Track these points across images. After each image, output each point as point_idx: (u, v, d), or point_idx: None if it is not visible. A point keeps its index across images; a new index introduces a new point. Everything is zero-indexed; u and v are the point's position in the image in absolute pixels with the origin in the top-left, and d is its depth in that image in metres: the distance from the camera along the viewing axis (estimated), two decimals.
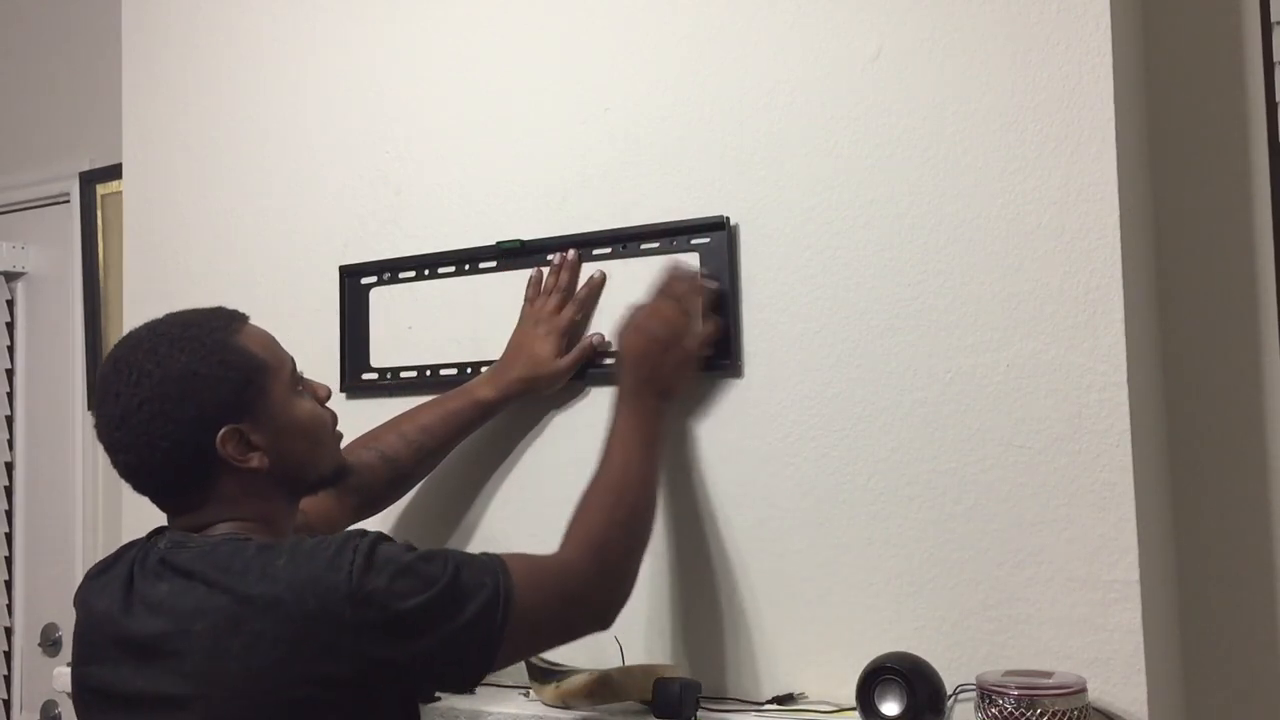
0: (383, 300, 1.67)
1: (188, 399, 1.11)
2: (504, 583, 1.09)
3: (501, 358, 1.50)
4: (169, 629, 1.06)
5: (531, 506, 1.52)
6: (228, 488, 1.14)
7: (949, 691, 1.22)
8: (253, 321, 1.20)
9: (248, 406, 1.14)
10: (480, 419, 1.50)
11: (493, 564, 1.11)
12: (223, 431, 1.11)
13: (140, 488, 1.16)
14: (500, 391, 1.47)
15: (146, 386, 1.11)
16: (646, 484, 1.26)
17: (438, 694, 1.42)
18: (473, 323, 1.57)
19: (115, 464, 1.15)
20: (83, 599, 1.18)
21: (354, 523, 1.40)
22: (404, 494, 1.52)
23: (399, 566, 1.06)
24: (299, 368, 1.22)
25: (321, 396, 1.25)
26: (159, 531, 1.17)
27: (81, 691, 1.16)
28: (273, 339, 1.21)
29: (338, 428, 1.26)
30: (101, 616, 1.13)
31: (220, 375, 1.13)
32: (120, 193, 2.11)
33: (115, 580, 1.13)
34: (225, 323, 1.18)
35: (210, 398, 1.12)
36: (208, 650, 1.03)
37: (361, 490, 1.43)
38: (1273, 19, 1.45)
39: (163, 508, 1.18)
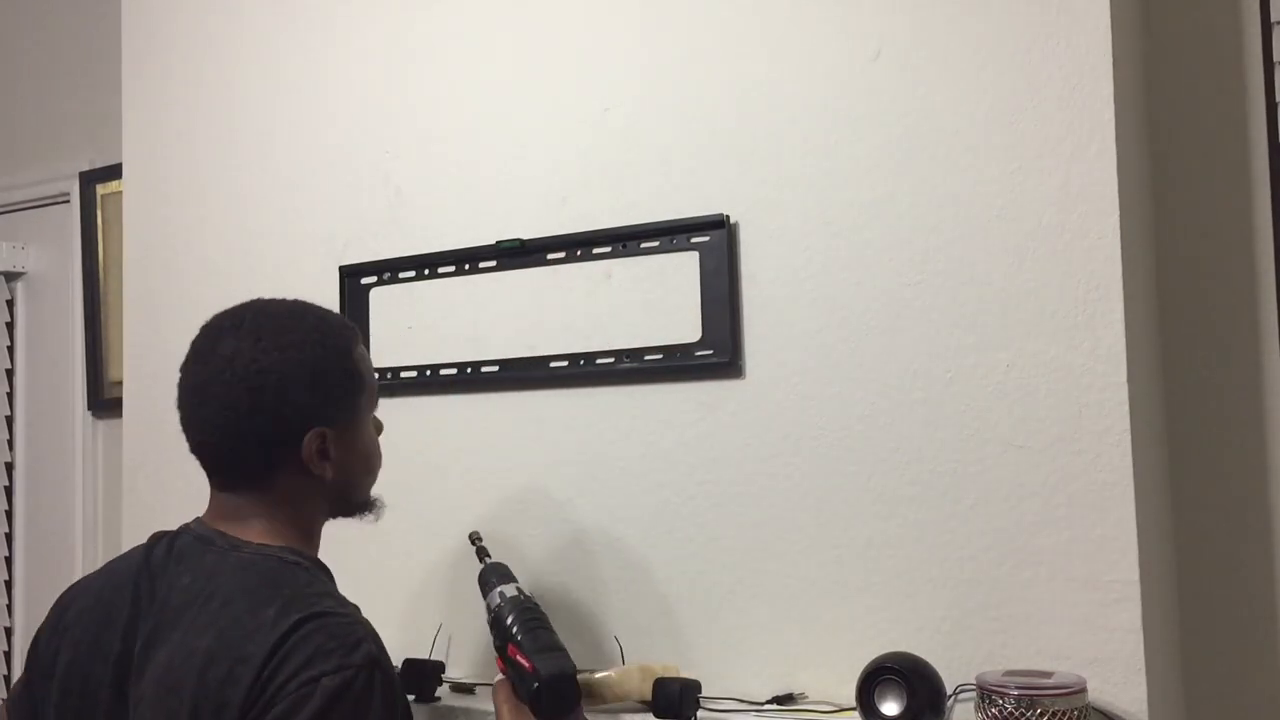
0: (383, 300, 1.67)
1: (302, 388, 1.11)
2: None
3: None
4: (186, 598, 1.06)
5: (535, 508, 1.52)
6: (289, 484, 1.13)
7: (949, 691, 1.22)
8: None
9: (341, 418, 1.15)
10: None
11: None
12: (313, 431, 1.12)
13: (203, 450, 1.14)
14: None
15: (273, 357, 1.10)
16: None
17: (437, 694, 1.43)
18: (473, 323, 1.57)
19: (195, 414, 1.12)
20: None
21: None
22: None
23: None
24: None
25: (380, 429, 1.26)
26: (176, 533, 1.16)
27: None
28: (371, 362, 1.23)
29: None
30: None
31: (336, 381, 1.14)
32: (120, 193, 2.11)
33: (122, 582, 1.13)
34: (351, 332, 1.20)
35: (320, 397, 1.12)
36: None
37: None
38: (1273, 19, 1.45)
39: (214, 476, 1.15)
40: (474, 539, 1.37)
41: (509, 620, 1.21)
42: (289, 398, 1.10)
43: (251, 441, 1.11)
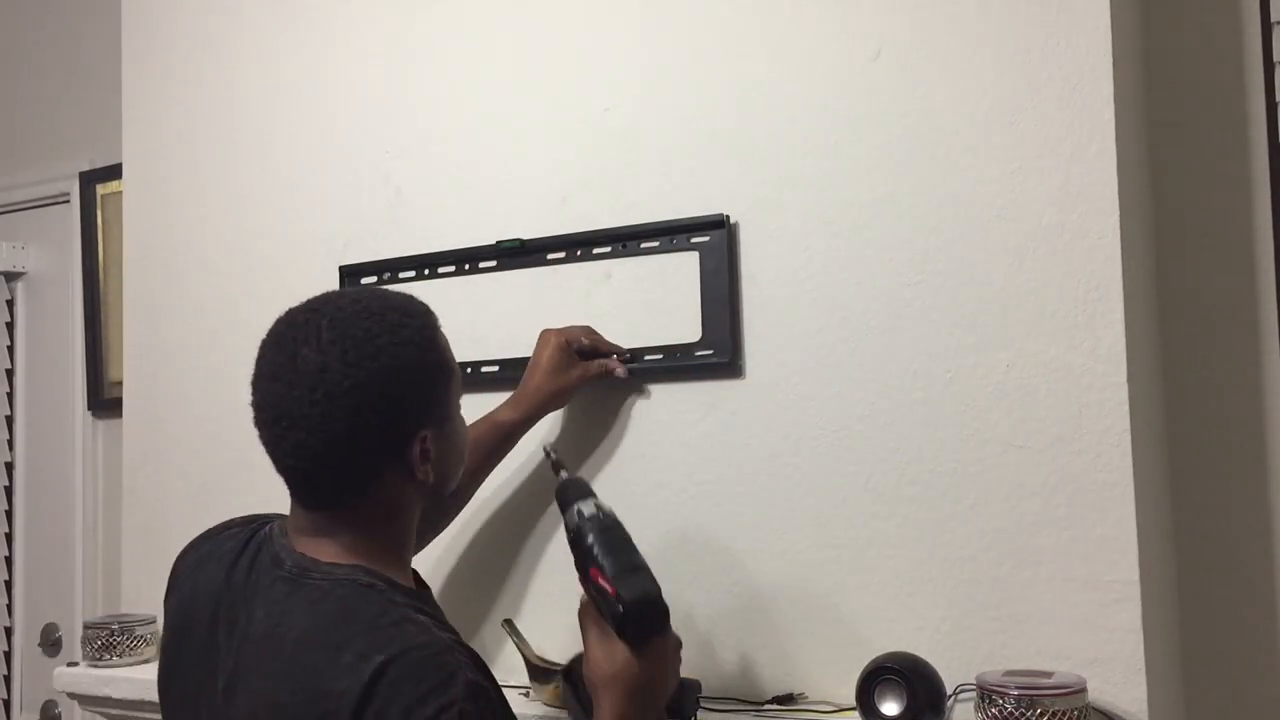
0: None
1: (401, 396, 1.01)
2: None
3: (521, 383, 1.45)
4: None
5: (535, 508, 1.52)
6: (388, 497, 1.04)
7: (949, 691, 1.22)
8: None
9: (438, 413, 1.05)
10: (505, 441, 1.43)
11: None
12: (420, 436, 1.02)
13: (293, 473, 1.03)
14: (520, 411, 1.42)
15: (364, 371, 0.99)
16: None
17: None
18: (473, 322, 1.57)
19: (281, 438, 1.01)
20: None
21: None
22: (448, 524, 1.45)
23: None
24: None
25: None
26: (273, 525, 1.09)
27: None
28: (449, 343, 1.12)
29: None
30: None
31: (432, 377, 1.05)
32: (120, 193, 2.10)
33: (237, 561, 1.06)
34: (433, 320, 1.09)
35: (419, 399, 1.03)
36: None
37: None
38: (1273, 19, 1.45)
39: (300, 493, 1.05)
40: (548, 452, 1.27)
41: (589, 540, 1.13)
42: (390, 410, 1.00)
43: (355, 462, 1.01)
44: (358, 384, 0.98)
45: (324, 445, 0.99)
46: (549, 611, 1.49)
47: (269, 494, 1.24)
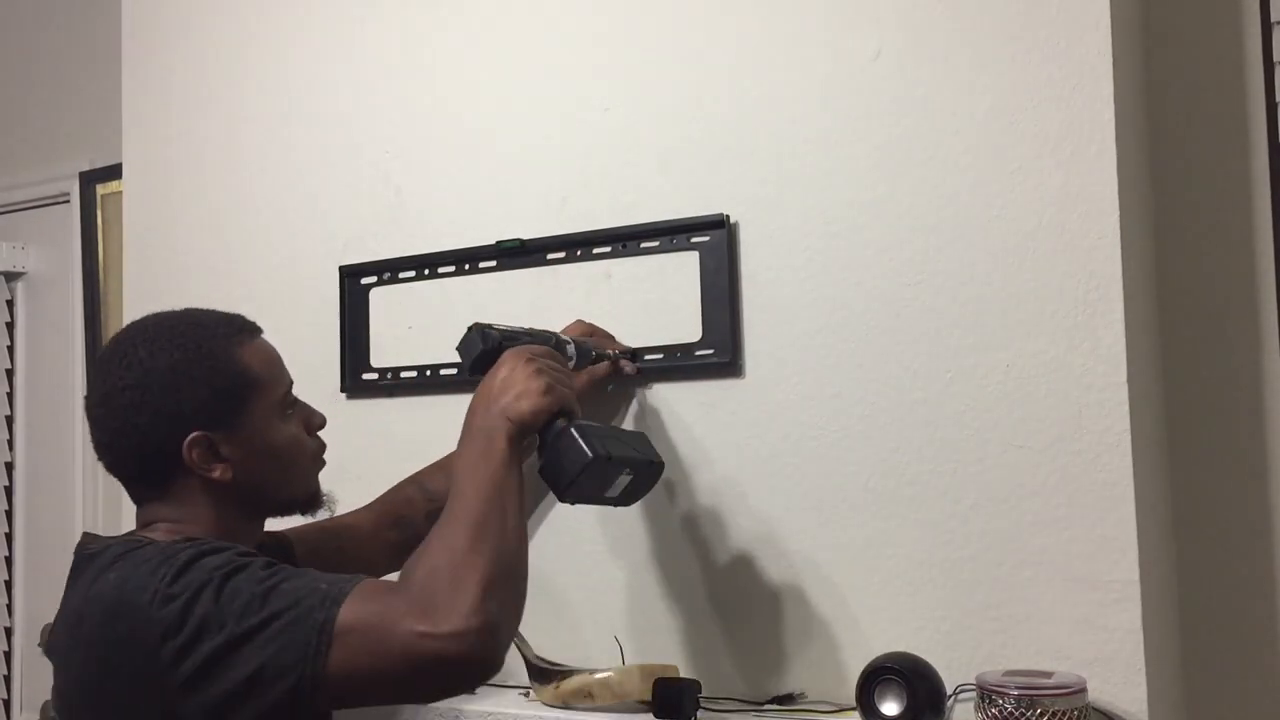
0: (383, 300, 1.67)
1: (167, 395, 1.12)
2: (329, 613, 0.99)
3: None
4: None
5: (534, 507, 1.52)
6: (185, 491, 1.15)
7: (949, 691, 1.22)
8: (265, 334, 1.22)
9: (225, 417, 1.14)
10: None
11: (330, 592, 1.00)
12: (191, 436, 1.12)
13: (109, 467, 1.19)
14: None
15: (136, 373, 1.12)
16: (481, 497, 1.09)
17: None
18: (473, 323, 1.57)
19: (92, 439, 1.18)
20: None
21: (396, 560, 1.30)
22: None
23: (206, 585, 1.00)
24: (296, 387, 1.24)
25: (314, 424, 1.25)
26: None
27: None
28: (277, 357, 1.21)
29: (320, 457, 1.27)
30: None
31: (205, 380, 1.14)
32: (120, 193, 2.11)
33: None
34: (232, 331, 1.18)
35: (189, 400, 1.13)
36: (62, 649, 1.09)
37: (401, 525, 1.43)
38: (1273, 19, 1.45)
39: (129, 492, 1.20)
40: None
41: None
42: (154, 408, 1.12)
43: (135, 461, 1.15)
44: (127, 385, 1.12)
45: (110, 440, 1.15)
46: (549, 611, 1.49)
47: None
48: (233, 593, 1.00)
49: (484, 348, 1.24)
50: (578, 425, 1.17)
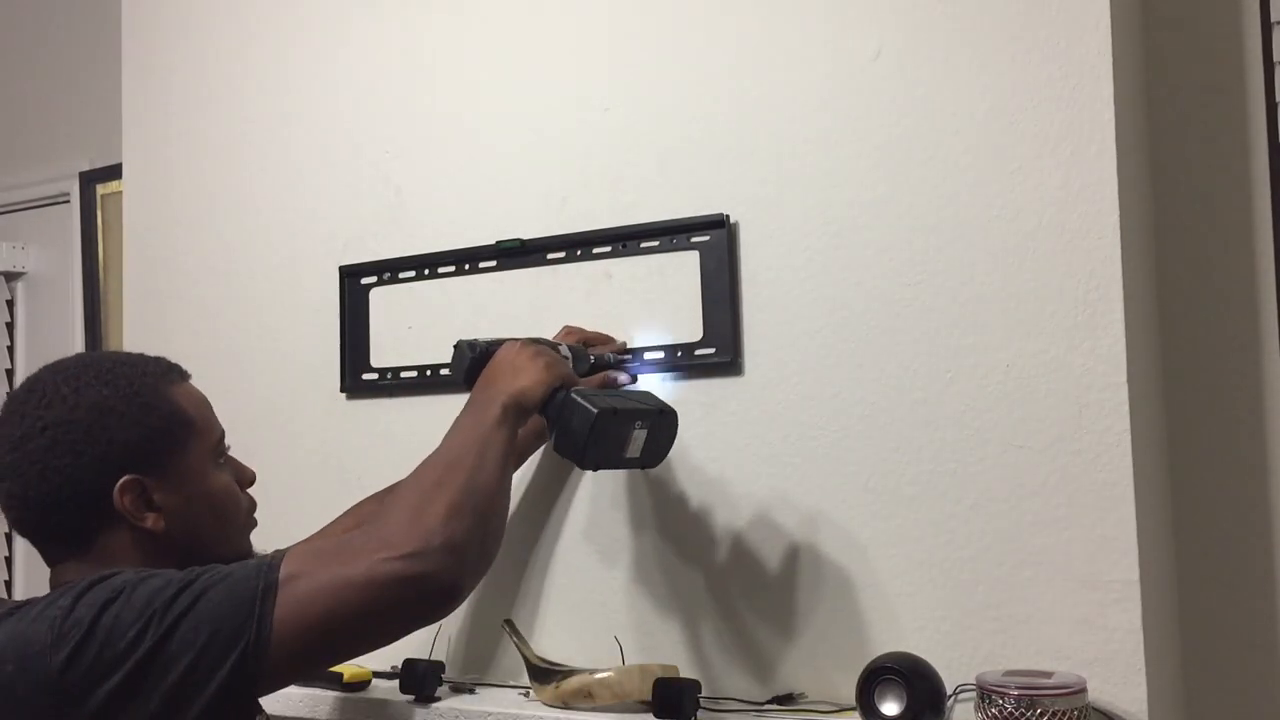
0: (383, 300, 1.67)
1: (95, 434, 1.01)
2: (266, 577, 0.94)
3: None
4: None
5: (534, 507, 1.52)
6: (113, 543, 1.04)
7: (949, 691, 1.22)
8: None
9: (158, 460, 1.04)
10: (520, 456, 1.43)
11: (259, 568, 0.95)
12: (123, 480, 1.02)
13: (20, 524, 1.05)
14: (533, 426, 1.37)
15: (56, 411, 1.01)
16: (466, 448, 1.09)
17: (437, 694, 1.42)
18: (473, 322, 1.57)
19: (1, 494, 1.04)
20: None
21: None
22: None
23: (111, 600, 0.92)
24: (226, 438, 1.16)
25: (245, 479, 1.16)
26: None
27: None
28: (208, 403, 1.13)
29: (253, 515, 1.18)
30: None
31: (137, 418, 1.04)
32: (120, 193, 2.11)
33: None
34: (161, 371, 1.10)
35: (120, 439, 1.02)
36: None
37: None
38: (1273, 19, 1.45)
39: (41, 552, 1.07)
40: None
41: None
42: (79, 449, 1.01)
43: (57, 511, 1.02)
44: (51, 423, 1.01)
45: (23, 490, 1.02)
46: (549, 611, 1.50)
47: (267, 493, 1.24)
48: (146, 592, 0.93)
49: (473, 355, 1.24)
50: (578, 390, 1.20)
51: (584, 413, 1.17)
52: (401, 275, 1.65)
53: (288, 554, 0.97)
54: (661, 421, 1.27)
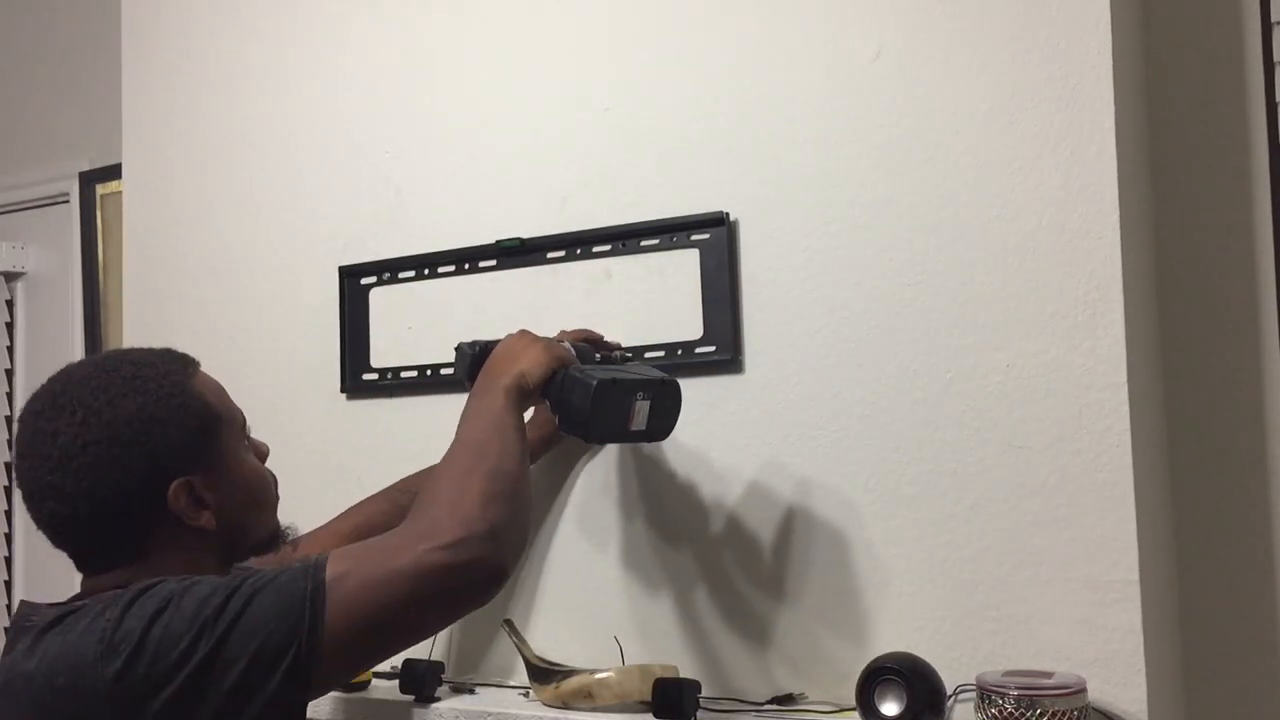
0: (383, 300, 1.67)
1: (140, 445, 1.01)
2: (314, 578, 0.95)
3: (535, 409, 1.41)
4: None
5: (534, 507, 1.52)
6: (165, 548, 1.03)
7: (949, 691, 1.22)
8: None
9: (200, 458, 1.04)
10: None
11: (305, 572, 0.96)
12: (176, 484, 1.02)
13: (63, 541, 1.04)
14: (542, 432, 1.43)
15: (94, 428, 1.00)
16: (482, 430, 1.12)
17: (437, 695, 1.42)
18: (473, 322, 1.57)
19: (39, 513, 1.03)
20: None
21: None
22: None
23: (161, 602, 0.92)
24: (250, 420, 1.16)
25: (263, 454, 1.16)
26: None
27: None
28: (223, 388, 1.12)
29: (277, 489, 1.17)
30: None
31: (178, 421, 1.03)
32: (120, 193, 2.11)
33: None
34: (180, 366, 1.08)
35: (164, 446, 1.02)
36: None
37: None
38: (1273, 19, 1.45)
39: (82, 565, 1.05)
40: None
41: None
42: (127, 463, 1.00)
43: (108, 524, 1.01)
44: (92, 440, 1.00)
45: (74, 508, 1.00)
46: (549, 611, 1.50)
47: None
48: (195, 600, 0.93)
49: (473, 353, 1.26)
50: (577, 367, 1.22)
51: (584, 385, 1.18)
52: (401, 275, 1.65)
53: (331, 555, 0.98)
54: (664, 391, 1.28)
